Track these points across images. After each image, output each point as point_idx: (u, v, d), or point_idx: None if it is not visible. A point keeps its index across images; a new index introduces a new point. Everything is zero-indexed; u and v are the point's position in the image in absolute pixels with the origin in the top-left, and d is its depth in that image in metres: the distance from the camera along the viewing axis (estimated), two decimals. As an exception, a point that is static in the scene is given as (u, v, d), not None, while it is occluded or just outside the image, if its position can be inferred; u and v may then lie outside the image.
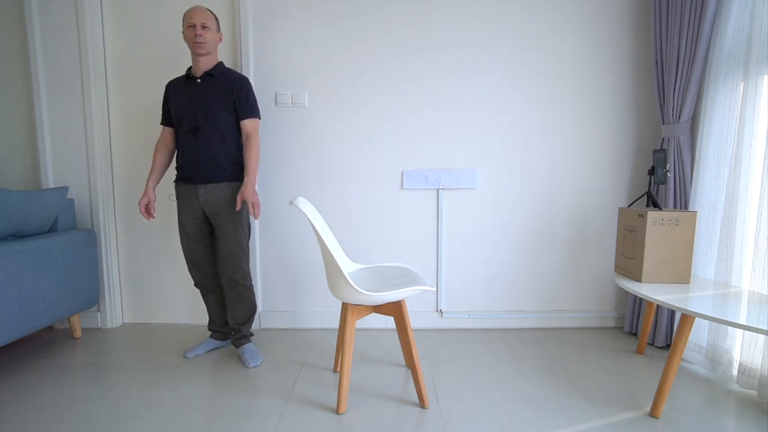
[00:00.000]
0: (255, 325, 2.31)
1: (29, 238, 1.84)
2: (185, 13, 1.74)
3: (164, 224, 2.31)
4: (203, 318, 2.36)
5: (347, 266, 1.74)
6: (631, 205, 1.98)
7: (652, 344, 2.06)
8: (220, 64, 1.83)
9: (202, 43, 1.72)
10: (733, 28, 1.70)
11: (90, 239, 2.14)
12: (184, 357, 1.92)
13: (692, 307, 1.37)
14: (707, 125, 1.81)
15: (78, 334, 2.16)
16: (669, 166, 1.95)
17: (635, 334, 2.19)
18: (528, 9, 2.16)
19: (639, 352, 1.96)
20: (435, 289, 1.80)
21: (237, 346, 1.93)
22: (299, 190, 2.26)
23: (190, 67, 1.82)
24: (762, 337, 1.53)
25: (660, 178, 1.81)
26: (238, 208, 1.76)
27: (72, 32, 2.13)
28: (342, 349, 1.47)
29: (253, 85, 2.19)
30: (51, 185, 2.20)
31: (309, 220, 1.53)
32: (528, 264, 2.29)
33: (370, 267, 1.79)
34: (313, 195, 2.26)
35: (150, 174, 1.87)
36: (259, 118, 1.87)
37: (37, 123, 2.16)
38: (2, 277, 1.63)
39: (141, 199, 1.84)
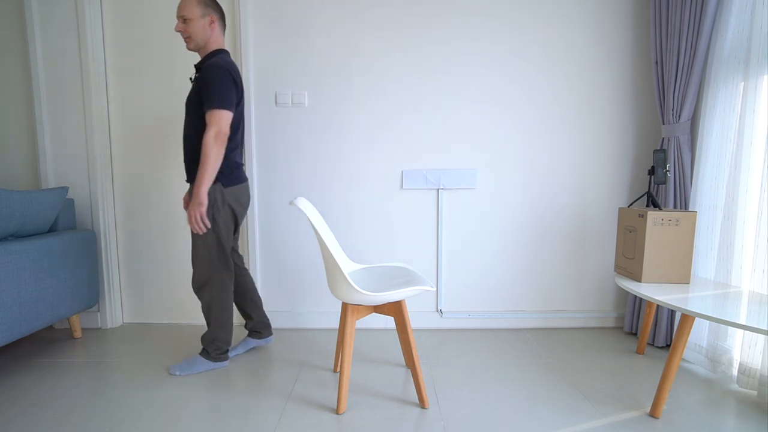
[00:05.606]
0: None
1: (29, 238, 1.84)
2: None
3: (164, 224, 2.31)
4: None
5: (347, 266, 1.74)
6: (631, 205, 1.98)
7: (652, 344, 2.06)
8: (210, 55, 1.64)
9: (185, 38, 1.62)
10: (733, 28, 1.70)
11: (90, 239, 2.14)
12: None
13: (692, 307, 1.37)
14: (707, 125, 1.81)
15: (78, 334, 2.16)
16: (669, 166, 1.95)
17: (635, 334, 2.19)
18: (528, 9, 2.16)
19: (639, 352, 1.96)
20: (435, 289, 1.80)
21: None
22: (299, 190, 2.26)
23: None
24: (762, 337, 1.53)
25: (660, 178, 1.81)
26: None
27: (72, 32, 2.13)
28: (342, 349, 1.47)
29: (252, 84, 2.19)
30: (51, 185, 2.20)
31: (309, 220, 1.53)
32: (528, 264, 2.29)
33: (370, 267, 1.79)
34: (313, 195, 2.26)
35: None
36: (223, 109, 1.53)
37: (37, 123, 2.16)
38: (2, 277, 1.63)
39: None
